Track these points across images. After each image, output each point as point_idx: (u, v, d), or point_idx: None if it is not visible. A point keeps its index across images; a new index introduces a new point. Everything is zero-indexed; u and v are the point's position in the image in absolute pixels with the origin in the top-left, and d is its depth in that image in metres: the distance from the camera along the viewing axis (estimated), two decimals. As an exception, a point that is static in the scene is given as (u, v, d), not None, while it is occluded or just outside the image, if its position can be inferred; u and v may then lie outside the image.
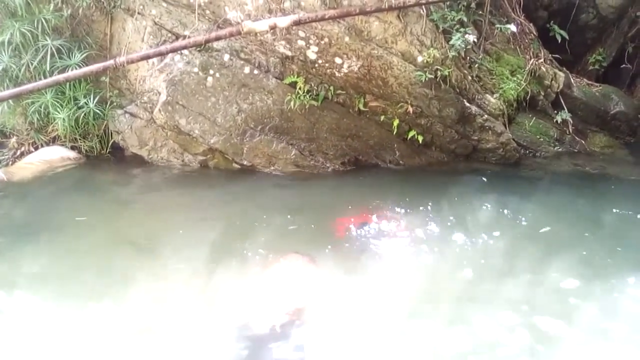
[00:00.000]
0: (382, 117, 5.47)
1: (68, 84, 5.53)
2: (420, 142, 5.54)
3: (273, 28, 4.90)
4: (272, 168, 5.67)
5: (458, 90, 5.45)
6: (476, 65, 5.58)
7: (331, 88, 5.37)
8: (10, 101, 5.54)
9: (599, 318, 3.38)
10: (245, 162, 5.68)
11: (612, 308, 3.47)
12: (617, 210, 4.83)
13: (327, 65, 5.27)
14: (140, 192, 5.42)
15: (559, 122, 6.12)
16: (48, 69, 5.39)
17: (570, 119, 6.14)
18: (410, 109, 5.37)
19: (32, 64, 5.43)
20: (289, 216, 4.63)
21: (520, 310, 3.44)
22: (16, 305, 3.47)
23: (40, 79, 5.28)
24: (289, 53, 5.29)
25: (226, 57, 5.40)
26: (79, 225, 4.59)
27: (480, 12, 5.50)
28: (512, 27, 5.63)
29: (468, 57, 5.54)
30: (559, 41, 6.27)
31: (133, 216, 4.87)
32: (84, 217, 4.72)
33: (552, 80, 6.04)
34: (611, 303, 3.51)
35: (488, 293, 3.62)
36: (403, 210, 4.69)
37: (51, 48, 5.41)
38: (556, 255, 4.03)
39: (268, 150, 5.62)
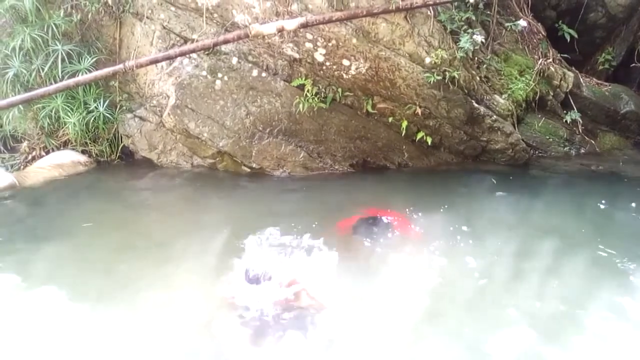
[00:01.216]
0: (391, 119, 5.47)
1: (78, 88, 5.58)
2: (429, 143, 5.53)
3: (281, 31, 4.92)
4: (281, 170, 5.68)
5: (466, 91, 5.44)
6: (484, 65, 5.57)
7: (339, 90, 5.38)
8: (21, 106, 5.59)
9: (610, 319, 3.35)
10: (254, 165, 5.70)
11: (624, 309, 3.44)
12: (628, 211, 4.80)
13: (334, 67, 5.28)
14: (150, 195, 5.46)
15: (568, 122, 6.10)
16: (60, 73, 5.43)
17: (579, 119, 6.11)
18: (419, 110, 5.36)
19: (42, 69, 5.48)
20: (298, 218, 4.63)
21: (530, 311, 3.42)
22: (26, 309, 3.49)
23: (50, 84, 5.33)
24: (297, 55, 5.31)
25: (234, 60, 5.43)
26: (90, 229, 4.62)
27: (488, 12, 5.49)
28: (522, 22, 5.59)
29: (476, 58, 5.53)
30: (568, 41, 6.24)
31: (143, 219, 4.90)
32: (94, 221, 4.76)
33: (561, 80, 6.01)
34: (622, 304, 3.48)
35: (498, 295, 3.60)
36: (412, 212, 4.68)
37: (62, 53, 5.46)
38: (566, 257, 4.00)
39: (277, 152, 5.63)
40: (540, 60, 5.83)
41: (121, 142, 6.07)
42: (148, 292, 3.64)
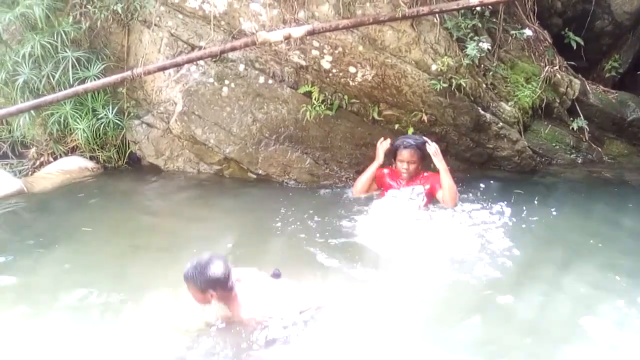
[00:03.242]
0: (397, 126, 5.48)
1: (87, 95, 5.62)
2: (435, 150, 5.53)
3: (287, 38, 4.95)
4: (287, 177, 5.70)
5: (472, 98, 5.44)
6: (490, 73, 5.57)
7: (345, 97, 5.40)
8: (32, 112, 5.64)
9: (616, 328, 3.33)
10: (260, 172, 5.72)
11: (631, 317, 3.42)
12: (635, 218, 4.78)
13: (341, 74, 5.30)
14: (157, 201, 5.48)
15: (575, 129, 6.08)
16: (71, 80, 5.48)
17: (586, 126, 6.10)
18: (425, 118, 5.37)
19: (53, 76, 5.53)
20: (303, 225, 4.64)
21: (535, 320, 3.41)
22: (33, 315, 3.51)
23: (60, 91, 5.37)
24: (303, 63, 5.33)
25: (241, 67, 5.46)
26: (97, 234, 4.64)
27: (494, 19, 5.49)
28: (528, 32, 5.61)
29: (482, 65, 5.53)
30: (574, 48, 6.23)
31: (150, 225, 4.93)
32: (101, 227, 4.79)
33: (567, 88, 6.00)
34: (630, 312, 3.46)
35: (503, 302, 3.58)
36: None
37: (72, 59, 5.50)
38: (573, 264, 3.99)
39: (283, 159, 5.65)
40: (547, 67, 5.82)
41: (128, 148, 6.11)
42: (155, 297, 3.65)
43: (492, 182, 5.52)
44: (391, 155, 5.01)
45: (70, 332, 3.33)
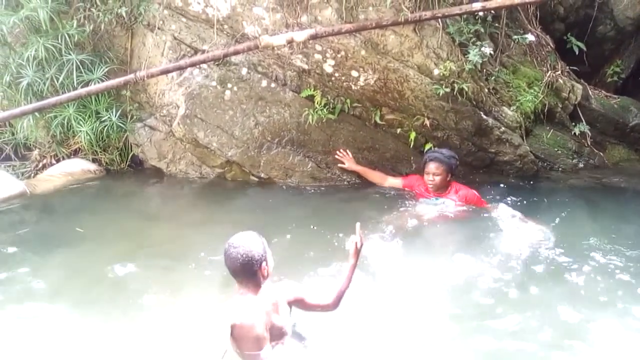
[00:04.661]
0: (399, 130, 5.49)
1: (90, 97, 5.64)
2: (437, 154, 5.53)
3: (290, 42, 4.95)
4: (289, 180, 5.70)
5: (475, 103, 5.45)
6: (493, 77, 5.58)
7: (347, 101, 5.41)
8: (37, 114, 5.65)
9: (617, 335, 3.32)
10: (262, 175, 5.73)
11: (632, 325, 3.41)
12: (637, 224, 4.77)
13: (343, 78, 5.32)
14: (159, 203, 5.50)
15: (577, 134, 6.08)
16: (74, 82, 5.49)
17: (588, 132, 6.09)
18: (427, 122, 5.38)
19: (57, 79, 5.55)
20: (305, 229, 4.64)
21: (535, 326, 3.40)
22: (32, 317, 3.50)
23: (64, 93, 5.39)
24: (306, 66, 5.35)
25: (244, 70, 5.48)
26: (99, 237, 4.65)
27: (497, 24, 5.51)
28: (530, 37, 5.62)
29: (484, 70, 5.54)
30: (577, 53, 6.24)
31: (151, 227, 4.93)
32: (103, 230, 4.79)
33: (569, 93, 6.00)
34: (632, 321, 3.46)
35: (502, 311, 3.57)
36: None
37: (76, 62, 5.52)
38: (575, 270, 3.99)
39: (285, 162, 5.66)
40: (549, 72, 5.82)
41: (131, 151, 6.12)
42: (156, 300, 3.65)
43: (493, 187, 5.52)
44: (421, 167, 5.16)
45: (69, 336, 3.32)
